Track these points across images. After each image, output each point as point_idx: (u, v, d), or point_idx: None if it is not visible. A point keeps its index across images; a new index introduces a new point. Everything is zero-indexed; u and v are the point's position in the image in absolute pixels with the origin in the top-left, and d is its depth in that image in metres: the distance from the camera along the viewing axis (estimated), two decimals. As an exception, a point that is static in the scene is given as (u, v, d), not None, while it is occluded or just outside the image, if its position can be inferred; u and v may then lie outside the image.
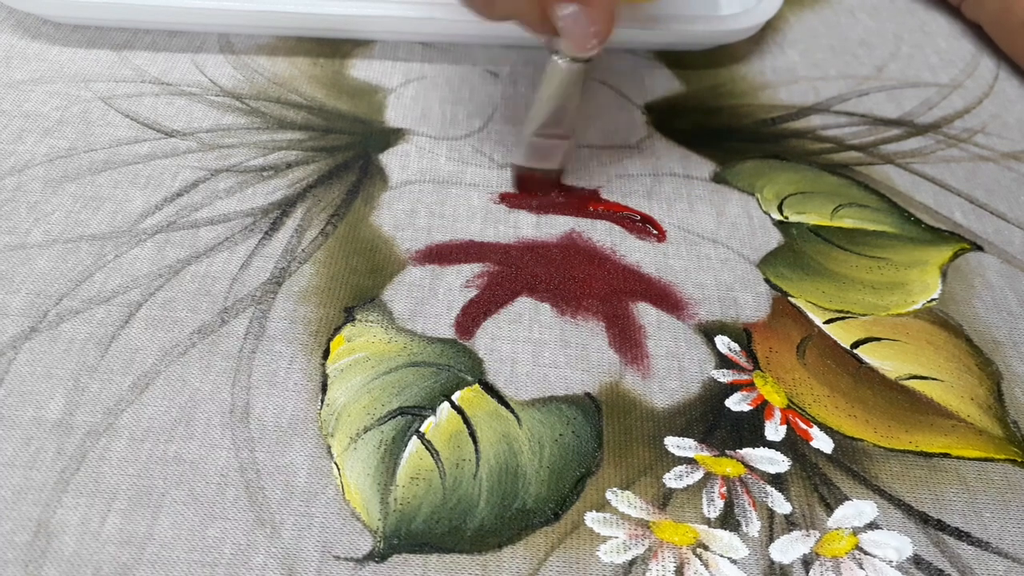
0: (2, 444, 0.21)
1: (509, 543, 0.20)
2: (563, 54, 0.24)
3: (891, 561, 0.20)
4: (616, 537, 0.20)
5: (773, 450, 0.22)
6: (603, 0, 0.22)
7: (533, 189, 0.28)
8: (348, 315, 0.24)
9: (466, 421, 0.22)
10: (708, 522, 0.21)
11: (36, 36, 0.32)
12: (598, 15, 0.23)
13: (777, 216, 0.28)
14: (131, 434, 0.21)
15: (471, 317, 0.25)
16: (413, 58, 0.33)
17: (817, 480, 0.22)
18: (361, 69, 0.33)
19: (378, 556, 0.20)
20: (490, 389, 0.23)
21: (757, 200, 0.29)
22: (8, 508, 0.20)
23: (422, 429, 0.22)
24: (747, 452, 0.22)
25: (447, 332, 0.24)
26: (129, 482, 0.21)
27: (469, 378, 0.23)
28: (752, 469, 0.22)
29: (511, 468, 0.21)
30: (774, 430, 0.23)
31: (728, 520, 0.21)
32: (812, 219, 0.28)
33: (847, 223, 0.28)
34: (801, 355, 0.24)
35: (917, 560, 0.20)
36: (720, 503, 0.21)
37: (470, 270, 0.26)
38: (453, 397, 0.23)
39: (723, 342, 0.24)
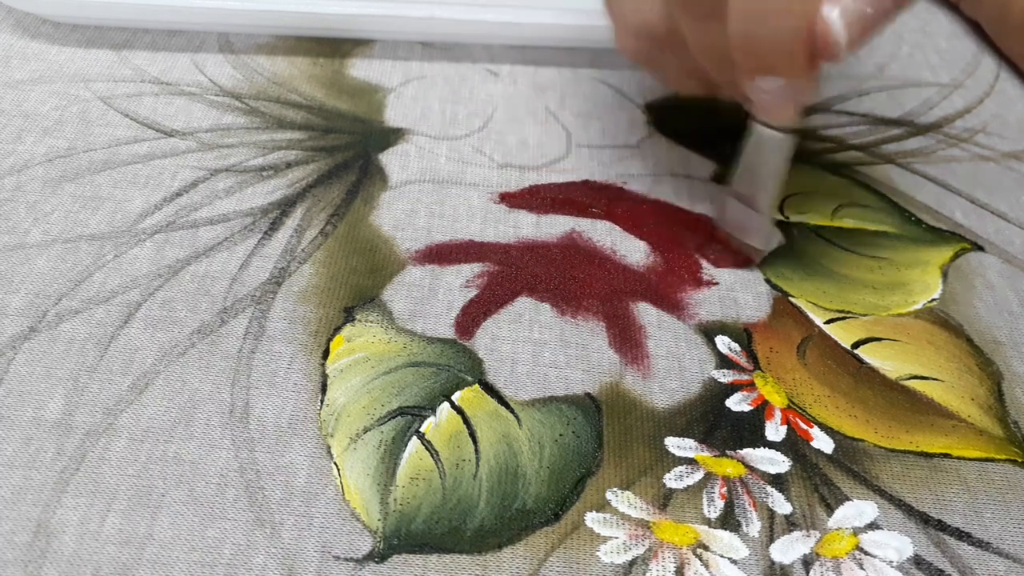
0: (2, 444, 0.21)
1: (509, 543, 0.20)
2: (762, 120, 0.23)
3: (891, 561, 0.20)
4: (616, 537, 0.20)
5: (773, 450, 0.22)
6: (809, 72, 0.21)
7: (730, 259, 0.26)
8: (348, 315, 0.24)
9: (466, 421, 0.22)
10: (708, 522, 0.21)
11: (35, 36, 0.32)
12: (799, 88, 0.21)
13: (778, 216, 0.28)
14: (131, 434, 0.21)
15: (471, 317, 0.24)
16: (413, 58, 0.33)
17: (817, 480, 0.22)
18: (361, 69, 0.32)
19: (378, 556, 0.20)
20: (490, 389, 0.23)
21: (757, 200, 0.29)
22: (8, 508, 0.20)
23: (422, 429, 0.22)
24: (747, 452, 0.22)
25: (447, 332, 0.24)
26: (129, 482, 0.20)
27: (469, 378, 0.23)
28: (752, 469, 0.22)
29: (511, 468, 0.21)
30: (774, 430, 0.23)
31: (728, 520, 0.21)
32: (813, 219, 0.28)
33: (848, 223, 0.28)
34: (802, 355, 0.24)
35: (918, 560, 0.20)
36: (720, 503, 0.21)
37: (470, 270, 0.26)
38: (453, 397, 0.23)
39: (723, 342, 0.24)
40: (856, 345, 0.25)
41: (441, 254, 0.26)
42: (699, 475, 0.22)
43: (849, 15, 0.20)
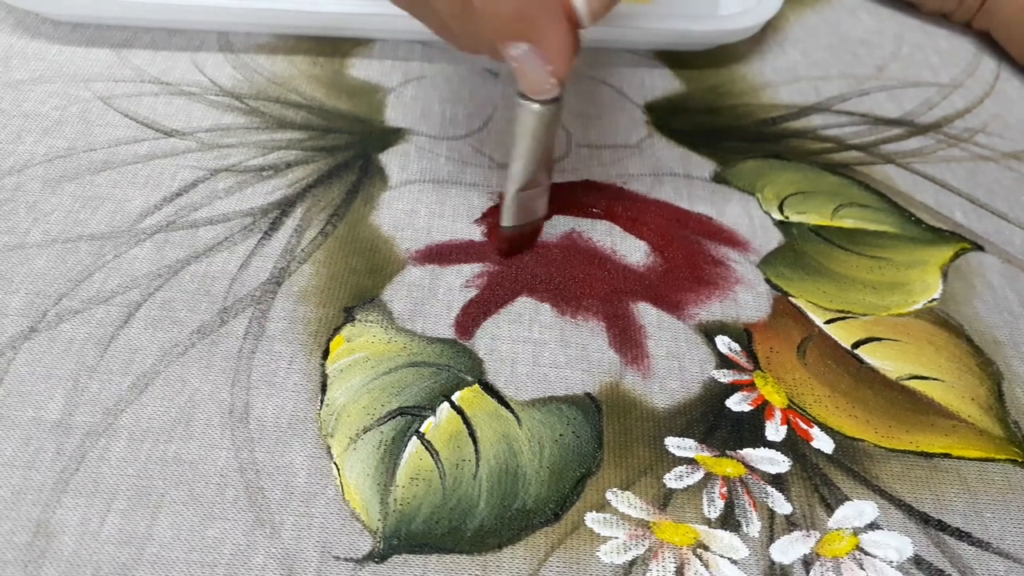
0: (2, 444, 0.21)
1: (509, 543, 0.20)
2: (528, 96, 0.23)
3: (892, 561, 0.20)
4: (616, 537, 0.20)
5: (774, 450, 0.22)
6: (557, 38, 0.21)
7: (522, 246, 0.26)
8: (348, 315, 0.24)
9: (466, 421, 0.22)
10: (708, 522, 0.21)
11: (35, 35, 0.32)
12: (553, 54, 0.21)
13: (777, 216, 0.28)
14: (131, 434, 0.21)
15: (471, 317, 0.24)
16: (413, 58, 0.33)
17: (818, 480, 0.22)
18: (361, 69, 0.32)
19: (378, 556, 0.20)
20: (490, 389, 0.23)
21: (757, 200, 0.29)
22: (8, 508, 0.20)
23: (422, 429, 0.22)
24: (747, 452, 0.22)
25: (447, 332, 0.24)
26: (129, 482, 0.20)
27: (469, 378, 0.23)
28: (752, 469, 0.22)
29: (511, 468, 0.21)
30: (775, 430, 0.23)
31: (728, 520, 0.21)
32: (812, 219, 0.28)
33: (848, 223, 0.28)
34: (802, 355, 0.24)
35: (918, 560, 0.20)
36: (720, 503, 0.21)
37: (470, 270, 0.26)
38: (453, 397, 0.23)
39: (723, 342, 0.24)
40: (856, 345, 0.25)
41: (441, 254, 0.26)
42: (699, 475, 0.22)
43: None
